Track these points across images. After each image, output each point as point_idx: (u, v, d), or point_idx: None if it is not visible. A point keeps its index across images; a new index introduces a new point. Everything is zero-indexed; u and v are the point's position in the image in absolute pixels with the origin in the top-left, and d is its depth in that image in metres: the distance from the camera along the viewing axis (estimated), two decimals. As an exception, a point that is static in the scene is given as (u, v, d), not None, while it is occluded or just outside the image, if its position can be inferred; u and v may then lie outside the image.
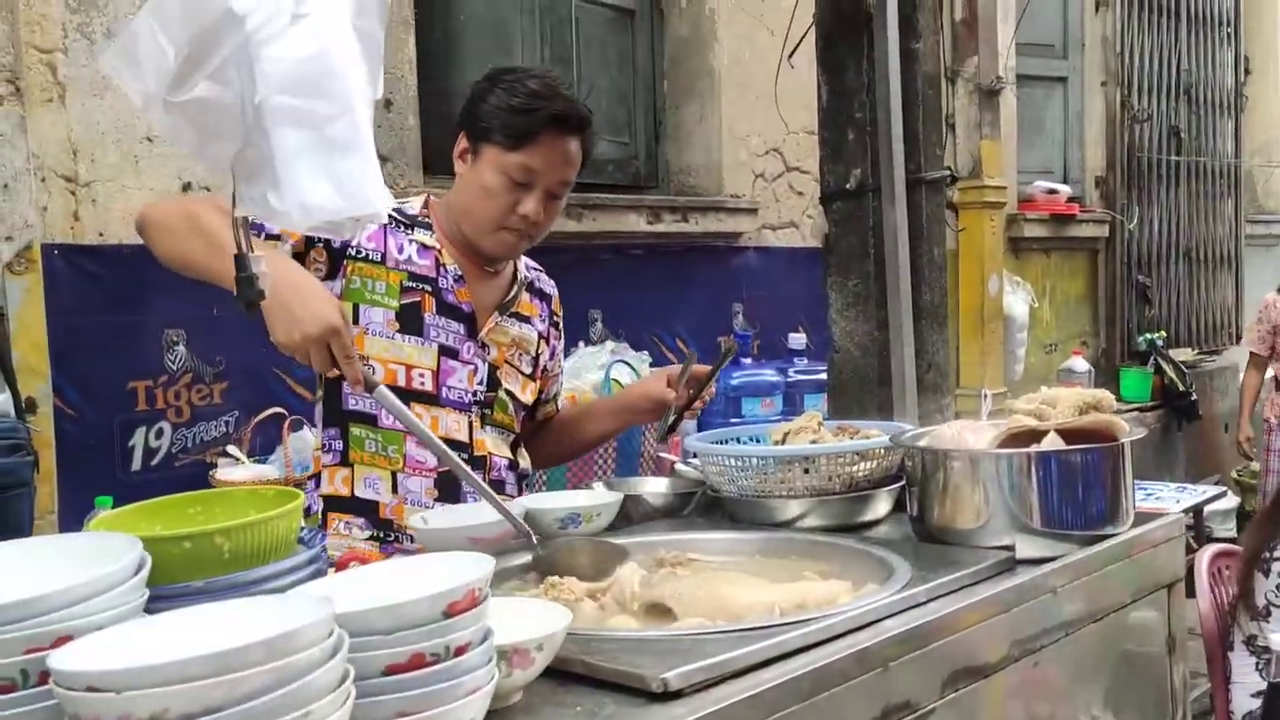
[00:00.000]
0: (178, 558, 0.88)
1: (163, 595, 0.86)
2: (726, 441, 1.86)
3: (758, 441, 1.86)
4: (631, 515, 1.76)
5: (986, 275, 4.90)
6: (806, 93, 4.09)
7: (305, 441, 2.76)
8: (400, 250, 1.77)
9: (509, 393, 1.85)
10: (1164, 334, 6.06)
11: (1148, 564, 1.50)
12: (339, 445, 1.75)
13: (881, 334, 1.96)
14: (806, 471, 1.64)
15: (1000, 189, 4.95)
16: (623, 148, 4.17)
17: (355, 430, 1.74)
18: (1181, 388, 5.76)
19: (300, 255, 1.67)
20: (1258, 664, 2.66)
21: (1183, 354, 6.22)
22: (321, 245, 1.70)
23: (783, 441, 1.76)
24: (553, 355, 1.99)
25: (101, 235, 2.72)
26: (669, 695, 0.98)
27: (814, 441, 1.73)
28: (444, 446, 1.47)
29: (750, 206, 4.25)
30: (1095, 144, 6.07)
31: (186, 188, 2.85)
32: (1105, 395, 1.51)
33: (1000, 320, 4.95)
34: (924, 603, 1.22)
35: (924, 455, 1.52)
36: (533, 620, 1.06)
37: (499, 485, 1.82)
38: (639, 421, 2.05)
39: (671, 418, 1.91)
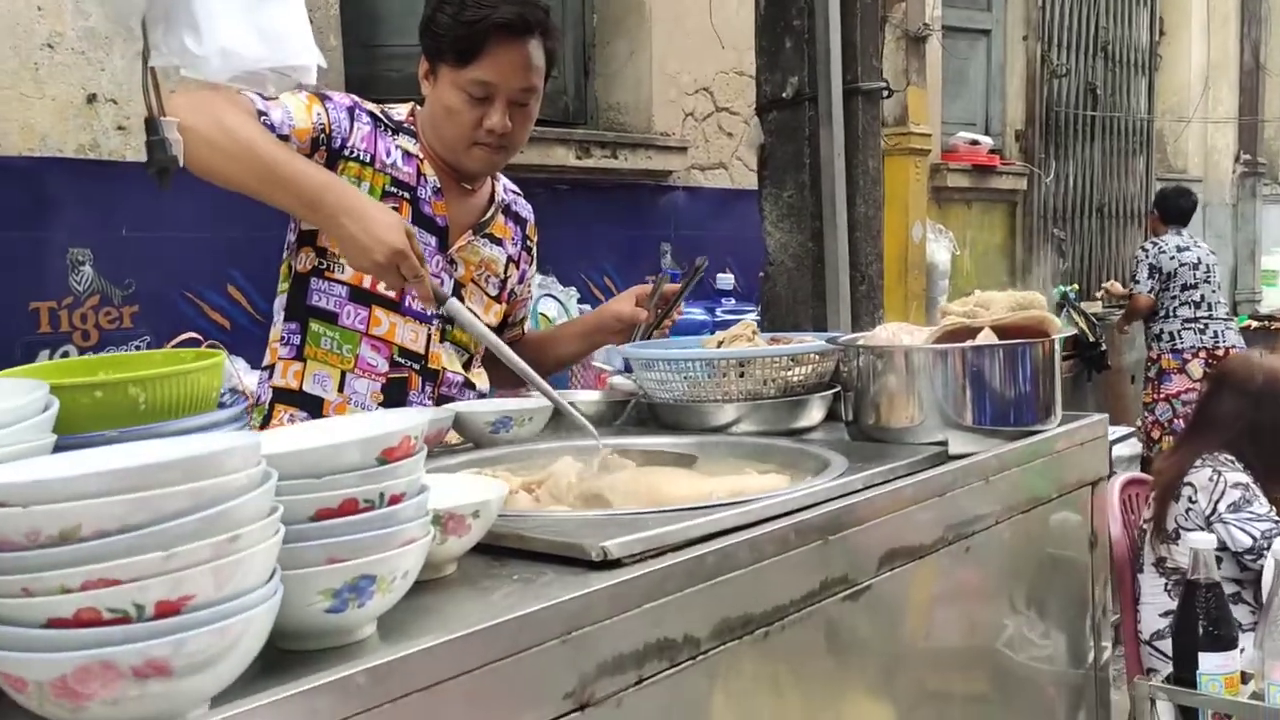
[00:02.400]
0: (88, 408, 0.83)
1: (72, 444, 0.81)
2: (660, 350, 1.85)
3: (692, 351, 1.85)
4: (563, 424, 1.74)
5: (910, 222, 4.96)
6: (735, 31, 4.07)
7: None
8: (388, 154, 1.75)
9: (472, 312, 1.82)
10: (1077, 286, 6.23)
11: (1074, 461, 1.53)
12: (296, 340, 1.74)
13: (815, 246, 1.96)
14: (741, 375, 1.64)
15: (925, 136, 5.00)
16: (551, 82, 4.08)
17: (314, 326, 1.73)
18: (1092, 339, 5.93)
19: (307, 156, 1.63)
20: (1166, 585, 2.76)
21: (1093, 307, 6.40)
22: (324, 148, 1.67)
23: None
24: (522, 279, 1.96)
25: (-1, 146, 2.58)
26: (608, 564, 0.96)
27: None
28: (513, 355, 1.51)
29: (680, 145, 4.22)
30: (1016, 98, 6.17)
31: (91, 99, 2.71)
32: (1037, 296, 1.53)
33: (923, 267, 5.03)
34: (861, 489, 1.22)
35: (860, 354, 1.52)
36: (467, 490, 1.03)
37: (449, 401, 1.78)
38: (608, 343, 2.01)
39: (639, 337, 1.88)
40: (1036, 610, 1.49)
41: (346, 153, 1.69)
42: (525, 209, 1.97)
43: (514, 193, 1.96)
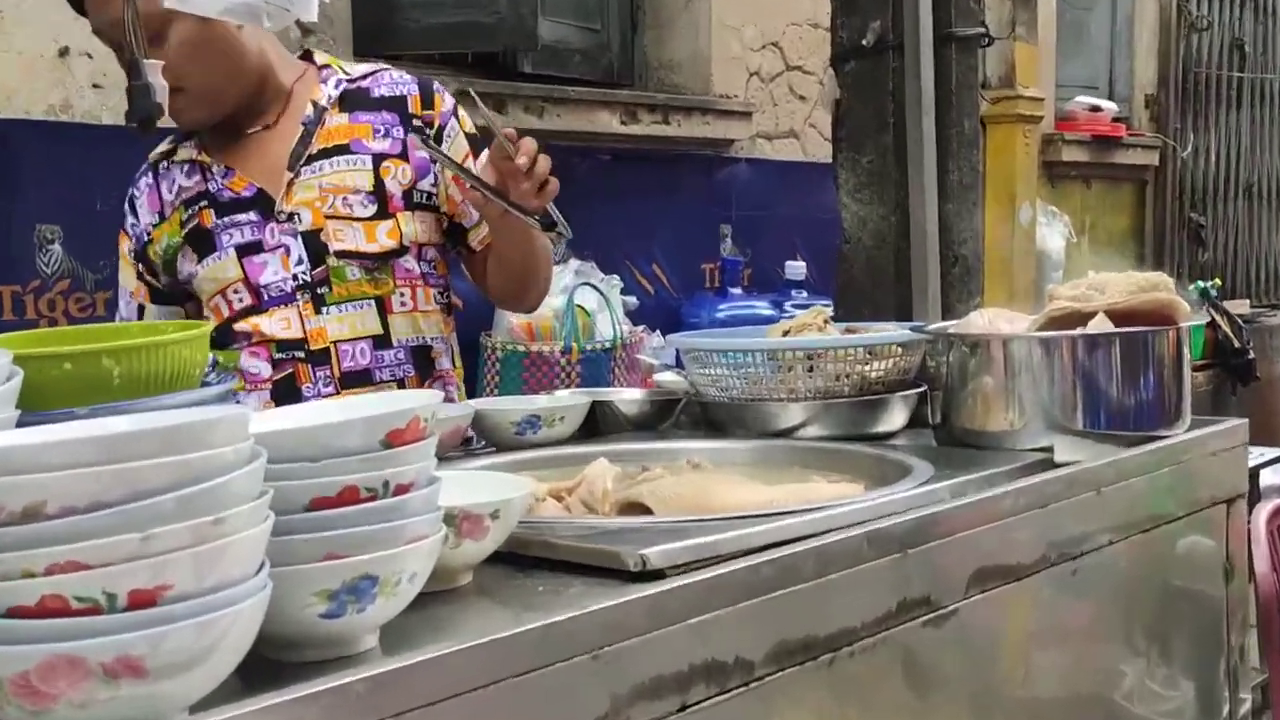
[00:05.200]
0: (57, 381, 0.86)
1: (34, 422, 0.84)
2: (715, 341, 1.86)
3: (752, 341, 1.85)
4: (600, 426, 1.76)
5: (1018, 203, 4.92)
6: (811, -28, 4.08)
7: (208, 363, 2.74)
8: (171, 188, 1.83)
9: (344, 254, 1.75)
10: (1219, 282, 6.12)
11: (1205, 473, 1.52)
12: None
13: (900, 220, 1.95)
14: (810, 370, 1.65)
15: (1036, 101, 4.95)
16: (592, 35, 4.13)
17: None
18: (1237, 344, 5.82)
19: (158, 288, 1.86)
20: (1321, 630, 2.70)
21: (1239, 306, 6.28)
22: (146, 270, 1.87)
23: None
24: (428, 171, 1.80)
25: (-39, 107, 2.66)
26: (648, 575, 0.97)
27: (819, 338, 1.73)
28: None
29: (743, 109, 4.23)
30: (1146, 56, 6.09)
31: (64, 53, 2.78)
32: (1162, 278, 1.51)
33: (1032, 256, 4.98)
34: (947, 498, 1.22)
35: (951, 345, 1.53)
36: (486, 488, 1.05)
37: (363, 375, 1.75)
38: (494, 212, 1.75)
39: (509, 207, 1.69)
40: (1158, 650, 1.48)
41: (147, 242, 1.84)
42: (401, 84, 1.82)
43: (366, 75, 1.82)
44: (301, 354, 1.75)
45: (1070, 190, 5.74)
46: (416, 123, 1.80)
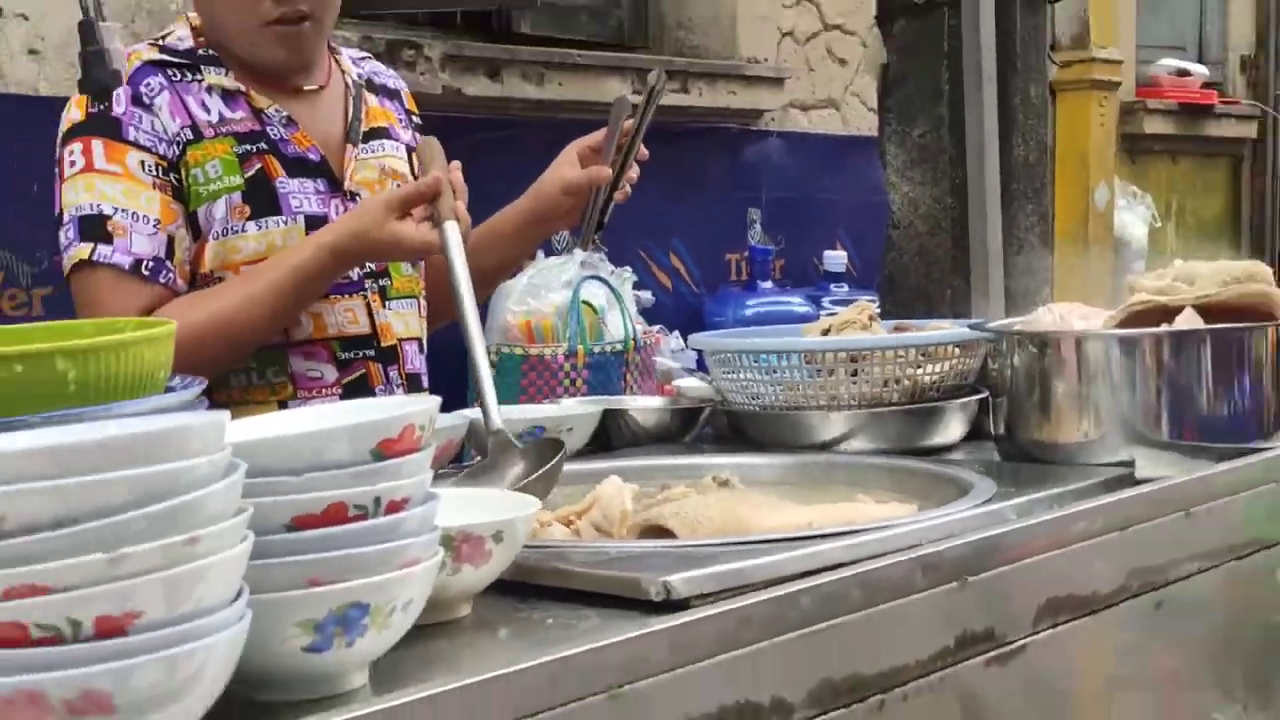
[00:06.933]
0: (4, 385, 0.88)
1: (-15, 432, 0.86)
2: (744, 341, 1.89)
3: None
4: (613, 439, 1.79)
5: (1093, 183, 4.95)
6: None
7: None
8: (205, 109, 1.69)
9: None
10: (1328, 273, 6.14)
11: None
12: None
13: (957, 202, 1.97)
14: (854, 375, 1.68)
15: (1113, 64, 4.98)
16: (601, -9, 4.16)
17: None
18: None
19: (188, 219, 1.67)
20: None
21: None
22: (179, 184, 1.67)
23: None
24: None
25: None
26: (672, 605, 1.00)
27: (864, 337, 1.76)
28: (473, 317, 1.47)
29: (774, 75, 4.25)
30: (1242, 12, 6.11)
31: (-2, 14, 2.82)
32: (1260, 267, 1.54)
33: (1109, 244, 5.01)
34: (1012, 518, 1.24)
35: (1016, 344, 1.55)
36: (487, 506, 1.08)
37: (415, 380, 1.83)
38: (556, 228, 1.91)
39: (599, 206, 1.78)
40: (1256, 696, 1.49)
41: (175, 151, 1.66)
42: (391, 77, 1.97)
43: (362, 59, 1.93)
44: (371, 352, 1.77)
45: (1153, 167, 5.75)
46: (413, 120, 1.95)
